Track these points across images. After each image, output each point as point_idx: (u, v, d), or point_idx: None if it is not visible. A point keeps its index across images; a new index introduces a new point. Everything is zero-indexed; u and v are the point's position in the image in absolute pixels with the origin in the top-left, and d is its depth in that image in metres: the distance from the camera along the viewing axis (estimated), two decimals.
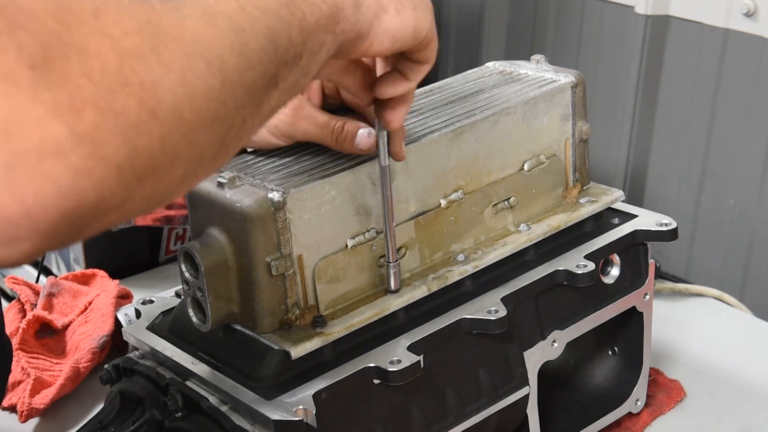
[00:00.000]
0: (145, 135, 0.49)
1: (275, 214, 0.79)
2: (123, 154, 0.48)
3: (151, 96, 0.50)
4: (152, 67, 0.50)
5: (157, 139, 0.50)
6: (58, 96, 0.45)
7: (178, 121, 0.51)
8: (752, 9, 1.41)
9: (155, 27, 0.52)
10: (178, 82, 0.51)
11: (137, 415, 0.86)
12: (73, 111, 0.46)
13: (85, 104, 0.46)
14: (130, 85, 0.49)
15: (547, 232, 0.97)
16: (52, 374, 1.12)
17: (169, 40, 0.52)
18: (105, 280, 1.24)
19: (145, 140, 0.49)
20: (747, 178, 1.48)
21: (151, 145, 0.50)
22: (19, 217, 0.45)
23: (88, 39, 0.48)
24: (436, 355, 0.87)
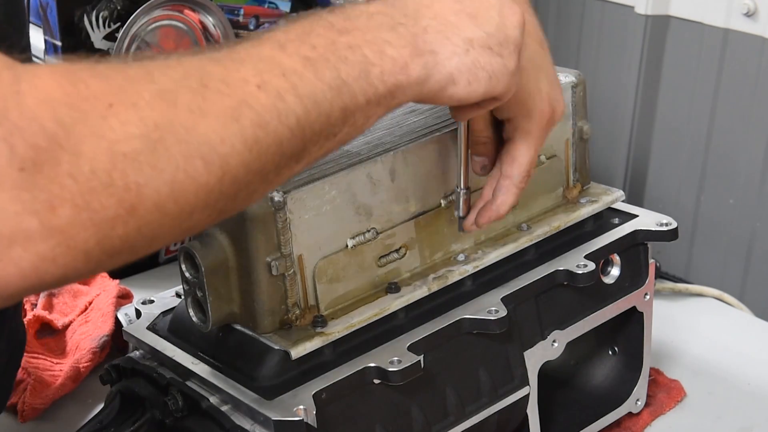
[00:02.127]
0: (119, 227, 0.52)
1: (275, 214, 0.79)
2: (92, 243, 0.52)
3: (133, 196, 0.52)
4: (143, 170, 0.53)
5: (133, 229, 0.53)
6: (39, 196, 0.50)
7: (159, 214, 0.54)
8: (752, 9, 1.41)
9: (162, 131, 0.54)
10: (166, 182, 0.54)
11: (137, 415, 0.86)
12: (49, 209, 0.50)
13: (64, 202, 0.50)
14: (114, 186, 0.52)
15: (548, 232, 0.97)
16: (52, 374, 1.11)
17: (172, 143, 0.54)
18: (105, 280, 1.24)
19: (120, 231, 0.53)
20: (747, 178, 1.48)
21: (126, 234, 0.53)
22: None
23: (84, 141, 0.51)
24: (436, 355, 0.86)
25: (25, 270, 0.50)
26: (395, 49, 0.67)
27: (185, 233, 0.58)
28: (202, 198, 0.56)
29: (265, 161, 0.59)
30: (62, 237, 0.51)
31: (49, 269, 0.51)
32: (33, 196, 0.50)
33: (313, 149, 0.63)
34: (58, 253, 0.51)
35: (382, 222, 0.87)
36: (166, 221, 0.55)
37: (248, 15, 1.38)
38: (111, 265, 0.55)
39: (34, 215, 0.50)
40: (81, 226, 0.51)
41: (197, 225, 0.58)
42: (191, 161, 0.55)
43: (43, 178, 0.50)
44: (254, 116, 0.58)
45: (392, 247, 0.88)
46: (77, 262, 0.52)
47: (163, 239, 0.56)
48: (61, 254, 0.51)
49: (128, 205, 0.52)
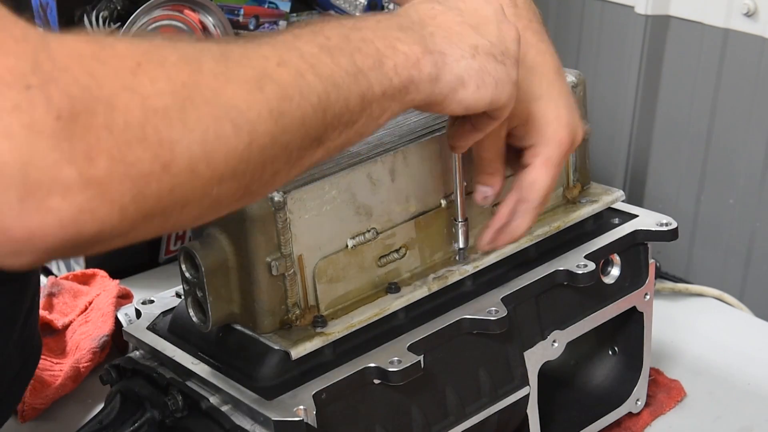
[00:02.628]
0: (154, 184, 0.53)
1: (275, 214, 0.79)
2: (128, 198, 0.53)
3: (167, 152, 0.54)
4: (175, 126, 0.54)
5: (166, 188, 0.54)
6: (76, 145, 0.50)
7: (191, 175, 0.55)
8: (752, 9, 1.41)
9: (190, 90, 0.55)
10: (198, 142, 0.55)
11: (138, 415, 0.86)
12: (87, 159, 0.51)
13: (100, 153, 0.51)
14: (148, 141, 0.53)
15: (548, 232, 0.97)
16: (52, 374, 1.11)
17: (200, 103, 0.55)
18: (105, 280, 1.24)
19: (154, 188, 0.53)
20: (747, 178, 1.48)
21: (160, 193, 0.54)
22: (23, 238, 0.51)
23: (117, 94, 0.52)
24: (436, 355, 0.86)
25: (64, 220, 0.51)
26: (406, 45, 0.69)
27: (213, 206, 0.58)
28: (231, 164, 0.57)
29: (289, 137, 0.60)
30: (99, 189, 0.51)
31: (87, 222, 0.52)
32: (71, 146, 0.50)
33: (333, 135, 0.64)
34: (95, 205, 0.51)
35: (382, 222, 0.87)
36: (197, 184, 0.56)
37: (248, 15, 1.38)
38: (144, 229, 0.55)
39: (72, 165, 0.50)
40: (117, 179, 0.52)
41: (225, 197, 0.58)
42: (220, 123, 0.56)
43: (79, 128, 0.51)
44: (277, 89, 0.59)
45: (392, 247, 0.88)
46: (113, 217, 0.52)
47: (195, 207, 0.57)
48: (99, 207, 0.52)
49: (162, 161, 0.53)
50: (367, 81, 0.66)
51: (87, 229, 0.52)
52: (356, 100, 0.65)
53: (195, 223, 0.60)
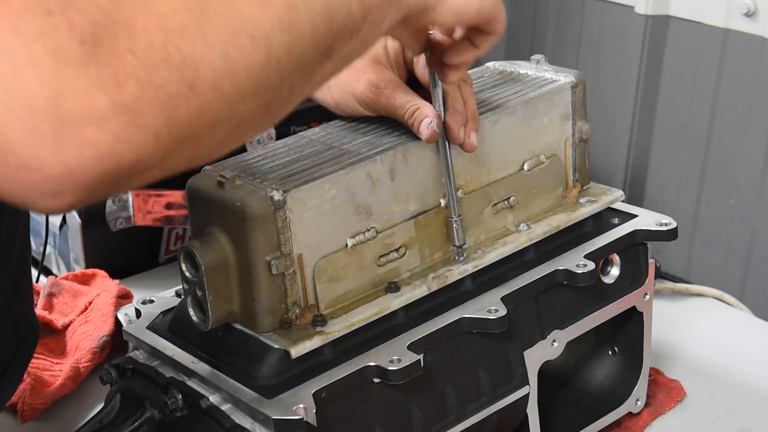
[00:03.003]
0: (183, 106, 0.53)
1: (275, 213, 0.79)
2: (160, 123, 0.52)
3: (192, 71, 0.53)
4: (195, 44, 0.54)
5: (195, 110, 0.54)
6: (103, 71, 0.50)
7: (217, 93, 0.55)
8: (752, 9, 1.41)
9: (204, 5, 0.55)
10: (220, 57, 0.55)
11: (137, 414, 0.86)
12: (115, 84, 0.50)
13: (128, 78, 0.51)
14: (172, 61, 0.53)
15: (547, 231, 0.97)
16: (52, 374, 1.12)
17: (215, 18, 0.55)
18: (105, 280, 1.24)
19: (183, 110, 0.53)
20: (747, 178, 1.48)
21: (189, 114, 0.54)
22: (62, 175, 0.50)
23: (136, 17, 0.52)
24: (436, 354, 0.87)
25: (102, 151, 0.50)
26: None
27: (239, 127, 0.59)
28: (253, 80, 0.57)
29: (302, 48, 0.60)
30: (132, 115, 0.51)
31: (124, 151, 0.51)
32: (98, 72, 0.50)
33: (340, 45, 0.64)
34: (129, 132, 0.51)
35: (381, 221, 0.87)
36: (223, 102, 0.56)
37: None
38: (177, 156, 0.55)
39: (102, 91, 0.50)
40: (148, 103, 0.52)
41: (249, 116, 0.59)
42: (238, 37, 0.56)
43: (104, 53, 0.50)
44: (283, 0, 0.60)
45: (392, 246, 0.88)
46: (148, 143, 0.52)
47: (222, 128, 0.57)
48: (133, 133, 0.51)
49: (188, 81, 0.53)
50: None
51: (125, 159, 0.51)
52: (357, 6, 0.65)
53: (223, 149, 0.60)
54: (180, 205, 1.30)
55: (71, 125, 0.49)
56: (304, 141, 0.90)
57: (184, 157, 0.56)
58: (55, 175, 0.50)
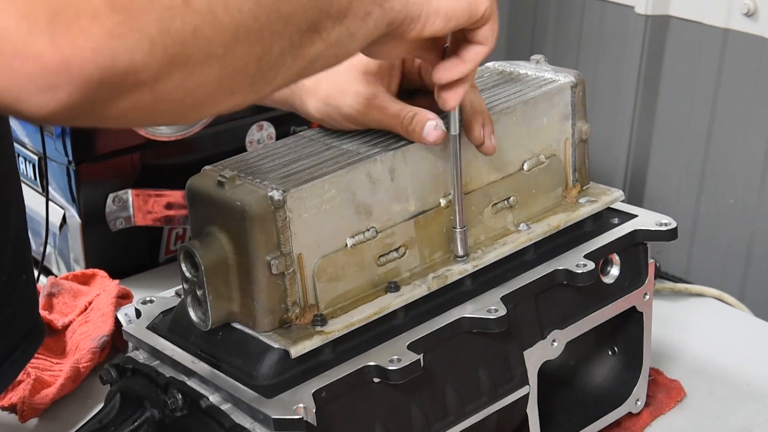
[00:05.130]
0: (177, 19, 0.54)
1: (275, 213, 0.79)
2: (155, 30, 0.53)
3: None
4: None
5: (189, 27, 0.55)
6: None
7: (211, 17, 0.56)
8: (752, 9, 1.41)
9: None
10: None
11: (137, 414, 0.86)
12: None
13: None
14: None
15: (547, 231, 0.97)
16: (52, 374, 1.12)
17: None
18: (105, 280, 1.24)
19: (178, 24, 0.54)
20: (747, 178, 1.48)
21: (184, 30, 0.54)
22: (58, 64, 0.50)
23: None
24: (435, 354, 0.87)
25: (97, 44, 0.51)
26: None
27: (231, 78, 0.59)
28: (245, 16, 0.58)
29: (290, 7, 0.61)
30: (126, 15, 0.52)
31: (118, 49, 0.52)
32: None
33: (327, 24, 0.65)
34: (124, 31, 0.52)
35: (381, 221, 0.87)
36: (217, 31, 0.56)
37: None
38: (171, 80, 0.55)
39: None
40: (142, 7, 0.52)
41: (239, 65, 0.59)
42: None
43: None
44: None
45: (392, 246, 0.88)
46: (143, 48, 0.53)
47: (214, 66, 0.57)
48: (127, 33, 0.52)
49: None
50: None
51: (120, 58, 0.52)
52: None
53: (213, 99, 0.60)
54: (180, 205, 1.31)
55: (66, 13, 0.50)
56: (304, 141, 0.90)
57: (175, 84, 0.56)
58: (51, 64, 0.50)
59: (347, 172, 0.84)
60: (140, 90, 0.54)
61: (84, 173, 1.28)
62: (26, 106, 0.52)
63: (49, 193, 1.32)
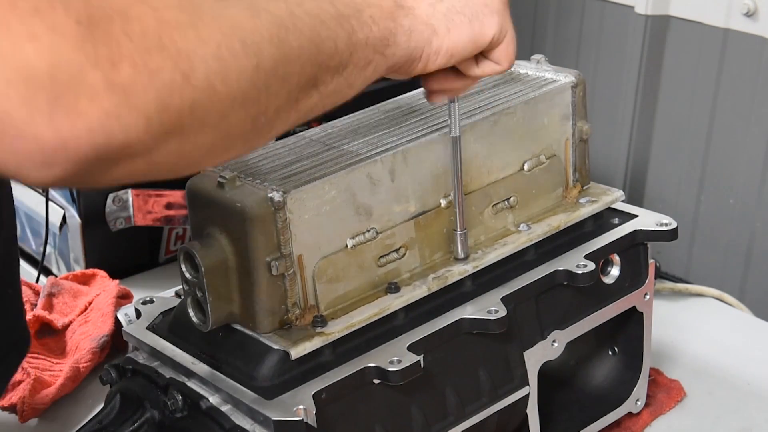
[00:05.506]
0: (176, 95, 0.55)
1: (275, 214, 0.79)
2: (152, 108, 0.54)
3: (186, 62, 0.55)
4: (189, 37, 0.55)
5: (187, 102, 0.55)
6: (99, 49, 0.52)
7: (210, 91, 0.56)
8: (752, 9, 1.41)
9: (196, 7, 0.57)
10: (213, 55, 0.56)
11: (137, 415, 0.86)
12: (110, 63, 0.52)
13: (123, 59, 0.52)
14: (167, 50, 0.54)
15: (547, 232, 0.97)
16: (52, 374, 1.11)
17: (208, 19, 0.57)
18: (105, 280, 1.24)
19: (176, 100, 0.55)
20: (747, 178, 1.48)
21: (182, 106, 0.55)
22: (55, 145, 0.52)
23: (131, 6, 0.53)
24: (436, 355, 0.86)
25: (93, 124, 0.52)
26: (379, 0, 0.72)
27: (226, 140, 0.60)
28: (243, 86, 0.59)
29: (289, 68, 0.62)
30: (125, 94, 0.52)
31: (115, 128, 0.53)
32: (94, 49, 0.51)
33: (326, 77, 0.66)
34: (122, 111, 0.52)
35: (381, 222, 0.87)
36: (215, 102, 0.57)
37: None
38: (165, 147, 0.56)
39: (97, 68, 0.51)
40: (141, 86, 0.53)
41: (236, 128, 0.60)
42: (230, 39, 0.58)
43: (100, 33, 0.52)
44: (273, 18, 0.61)
45: (392, 247, 0.88)
46: (139, 125, 0.53)
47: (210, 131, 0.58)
48: (125, 113, 0.53)
49: (182, 71, 0.55)
50: (350, 25, 0.68)
51: (115, 137, 0.53)
52: (343, 42, 0.67)
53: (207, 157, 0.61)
54: (180, 205, 1.31)
55: (66, 97, 0.51)
56: (304, 141, 0.90)
57: (170, 152, 0.57)
58: (49, 145, 0.51)
59: (347, 173, 0.84)
60: (134, 160, 0.55)
61: None
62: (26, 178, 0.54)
63: (49, 193, 1.32)
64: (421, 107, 0.95)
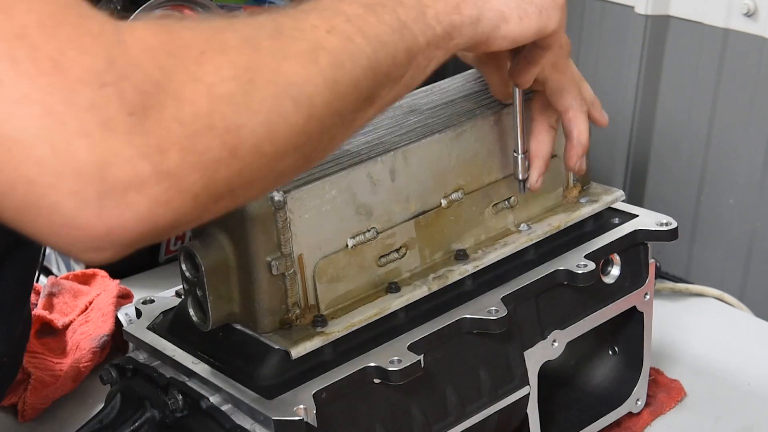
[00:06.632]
0: (223, 170, 0.55)
1: (276, 214, 0.79)
2: (200, 186, 0.55)
3: (234, 137, 0.55)
4: (240, 111, 0.56)
5: (235, 172, 0.56)
6: (149, 140, 0.52)
7: (257, 155, 0.57)
8: (752, 9, 1.41)
9: (252, 73, 0.57)
10: (262, 123, 0.57)
11: (138, 414, 0.86)
12: (159, 152, 0.53)
13: (172, 146, 0.53)
14: (216, 129, 0.55)
15: (548, 231, 0.97)
16: (53, 374, 1.11)
17: (262, 84, 0.57)
18: (105, 280, 1.24)
19: (223, 174, 0.56)
20: (747, 178, 1.48)
21: (230, 177, 0.56)
22: (102, 235, 0.53)
23: (184, 86, 0.54)
24: (436, 354, 0.87)
25: (141, 214, 0.53)
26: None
27: (277, 179, 0.61)
28: (293, 140, 0.59)
29: (344, 102, 0.62)
30: (173, 180, 0.53)
31: (162, 213, 0.54)
32: (144, 141, 0.52)
33: (383, 92, 0.66)
34: (170, 196, 0.54)
35: (382, 222, 0.87)
36: (263, 163, 0.58)
37: None
38: (214, 210, 0.58)
39: (146, 159, 0.52)
40: (189, 169, 0.54)
41: (288, 170, 0.61)
42: (281, 102, 0.58)
43: (151, 123, 0.52)
44: (330, 58, 0.61)
45: (392, 246, 0.88)
46: (187, 205, 0.55)
47: (260, 183, 0.60)
48: (173, 198, 0.54)
49: (230, 147, 0.55)
50: (412, 34, 0.67)
51: (162, 220, 0.54)
52: (403, 55, 0.67)
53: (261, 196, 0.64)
54: None
55: (115, 191, 0.52)
56: None
57: (221, 209, 0.58)
58: (97, 235, 0.53)
59: (348, 173, 0.84)
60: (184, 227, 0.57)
61: None
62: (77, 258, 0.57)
63: None
64: (420, 108, 0.95)
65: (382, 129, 0.90)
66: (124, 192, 0.52)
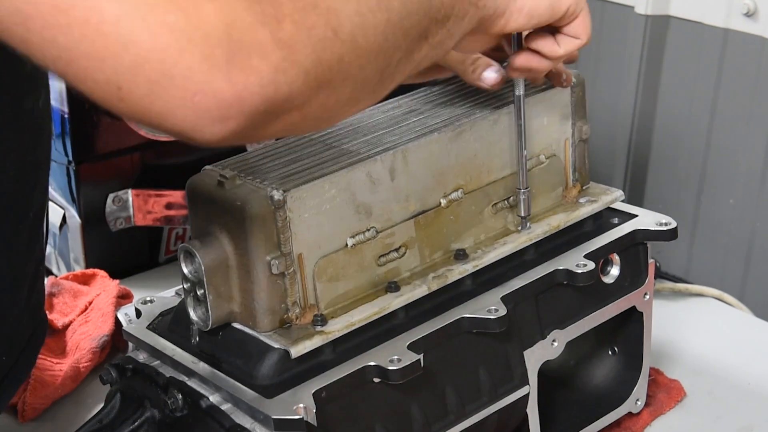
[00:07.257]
0: (328, 50, 0.61)
1: (275, 213, 0.79)
2: (310, 62, 0.59)
3: (335, 18, 0.61)
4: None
5: (336, 56, 0.61)
6: (266, 8, 0.58)
7: (353, 44, 0.62)
8: (752, 9, 1.41)
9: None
10: (355, 11, 0.63)
11: (138, 414, 0.86)
12: (276, 21, 0.58)
13: (285, 17, 0.58)
14: (319, 8, 0.60)
15: (547, 231, 0.97)
16: (52, 374, 1.11)
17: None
18: (105, 280, 1.24)
19: (328, 54, 0.61)
20: (747, 178, 1.48)
21: (331, 60, 0.61)
22: (231, 99, 0.57)
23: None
24: (436, 353, 0.87)
25: (264, 79, 0.57)
26: None
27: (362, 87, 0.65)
28: (378, 38, 0.64)
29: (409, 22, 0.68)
30: (288, 50, 0.58)
31: (281, 82, 0.58)
32: (262, 9, 0.57)
33: (434, 29, 0.71)
34: (286, 65, 0.58)
35: (381, 221, 0.87)
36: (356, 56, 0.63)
37: None
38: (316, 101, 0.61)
39: (265, 26, 0.57)
40: (301, 42, 0.59)
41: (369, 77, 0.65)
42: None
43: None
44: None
45: (392, 246, 0.88)
46: (299, 79, 0.59)
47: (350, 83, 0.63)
48: (289, 67, 0.58)
49: (332, 27, 0.60)
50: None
51: (281, 90, 0.58)
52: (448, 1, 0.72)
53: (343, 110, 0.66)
54: (180, 205, 1.31)
55: (240, 54, 0.56)
56: (304, 140, 0.90)
57: (320, 104, 0.62)
58: (226, 100, 0.57)
59: (347, 172, 0.84)
60: (291, 113, 0.61)
61: (84, 173, 1.28)
62: (200, 135, 0.58)
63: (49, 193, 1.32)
64: (421, 107, 0.95)
65: (381, 128, 0.90)
66: (249, 56, 0.56)
